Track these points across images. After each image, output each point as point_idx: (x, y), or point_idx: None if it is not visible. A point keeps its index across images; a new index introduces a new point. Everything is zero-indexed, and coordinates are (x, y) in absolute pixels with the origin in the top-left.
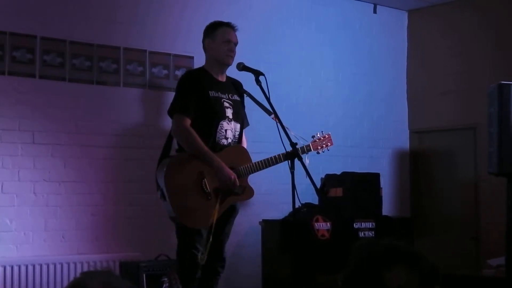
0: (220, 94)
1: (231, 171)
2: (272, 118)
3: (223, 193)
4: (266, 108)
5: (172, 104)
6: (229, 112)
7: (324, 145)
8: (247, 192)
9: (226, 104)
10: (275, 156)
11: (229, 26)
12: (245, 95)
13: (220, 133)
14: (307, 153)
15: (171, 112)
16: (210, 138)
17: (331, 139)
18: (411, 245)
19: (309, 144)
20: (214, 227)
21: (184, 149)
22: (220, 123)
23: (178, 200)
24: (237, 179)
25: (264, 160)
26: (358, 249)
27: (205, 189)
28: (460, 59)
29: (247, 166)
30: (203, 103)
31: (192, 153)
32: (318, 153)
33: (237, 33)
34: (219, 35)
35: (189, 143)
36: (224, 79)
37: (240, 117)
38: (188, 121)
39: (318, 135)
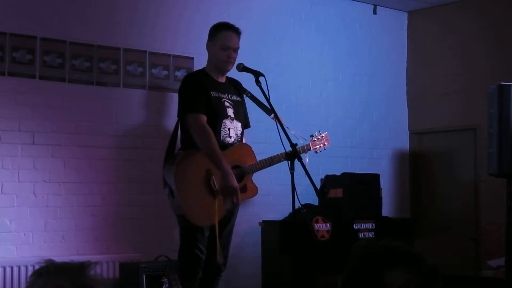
0: (220, 94)
1: (236, 182)
2: (272, 118)
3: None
4: (266, 107)
5: (181, 106)
6: (230, 112)
7: (322, 145)
8: (251, 190)
9: (226, 104)
10: (279, 154)
11: (231, 29)
12: (244, 95)
13: (224, 132)
14: (306, 152)
15: (183, 114)
16: (215, 136)
17: (327, 139)
18: (410, 246)
19: (308, 144)
20: (215, 226)
21: (187, 147)
22: (223, 122)
23: (188, 198)
24: (239, 193)
25: (269, 158)
26: (357, 250)
27: (213, 186)
28: (460, 60)
29: (253, 165)
30: (206, 103)
31: (204, 150)
32: (316, 152)
33: None
34: (218, 40)
35: (204, 140)
36: (224, 80)
37: (241, 117)
38: (204, 118)
39: (316, 134)
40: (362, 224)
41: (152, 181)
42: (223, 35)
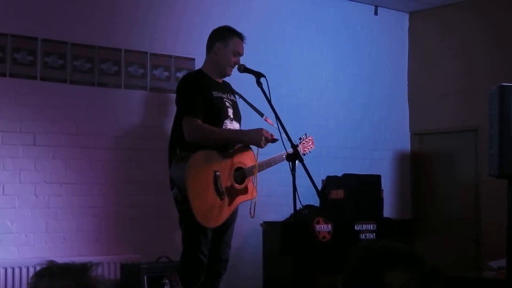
0: (221, 94)
1: (258, 131)
2: (264, 120)
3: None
4: (257, 109)
5: (180, 108)
6: (230, 112)
7: (309, 147)
8: (252, 192)
9: (227, 104)
10: (278, 155)
11: (242, 38)
12: (237, 96)
13: None
14: None
15: (180, 115)
16: None
17: (313, 142)
18: (410, 247)
19: (299, 147)
20: (217, 229)
21: (185, 148)
22: (224, 122)
23: (199, 200)
24: (264, 130)
25: (268, 159)
26: (357, 251)
27: (220, 188)
28: (461, 61)
29: (254, 166)
30: (208, 103)
31: (217, 143)
32: (303, 155)
33: None
34: (232, 44)
35: (209, 137)
36: (221, 81)
37: (239, 117)
38: (199, 122)
39: (303, 137)
40: (363, 225)
41: (152, 182)
42: (236, 41)
